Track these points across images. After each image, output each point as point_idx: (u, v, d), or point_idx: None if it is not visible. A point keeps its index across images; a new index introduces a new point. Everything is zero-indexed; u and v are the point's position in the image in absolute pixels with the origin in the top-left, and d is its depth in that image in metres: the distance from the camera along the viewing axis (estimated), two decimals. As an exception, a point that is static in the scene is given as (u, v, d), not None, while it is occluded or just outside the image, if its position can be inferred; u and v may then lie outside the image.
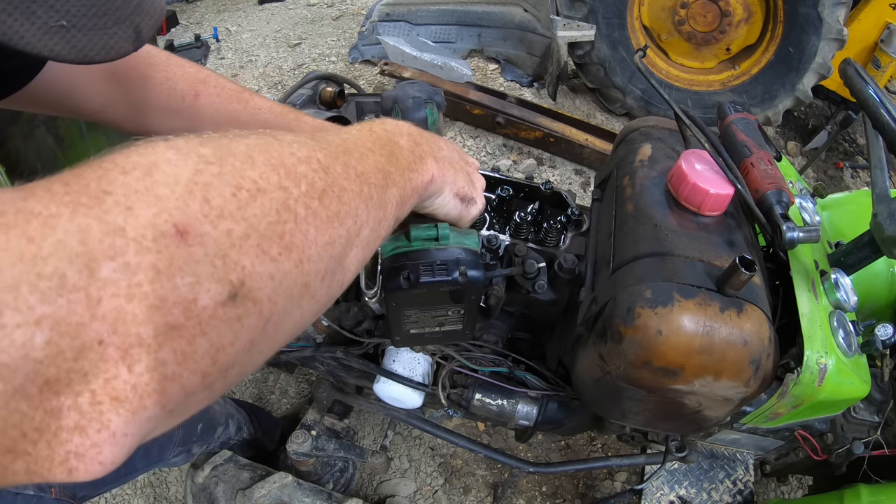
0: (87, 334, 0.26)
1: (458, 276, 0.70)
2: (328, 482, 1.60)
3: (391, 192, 0.50)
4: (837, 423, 1.21)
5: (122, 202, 0.29)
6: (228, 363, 0.32)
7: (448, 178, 0.64)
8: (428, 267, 0.69)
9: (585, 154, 2.87)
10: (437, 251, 0.71)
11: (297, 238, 0.36)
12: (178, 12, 4.38)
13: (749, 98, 3.06)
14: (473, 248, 0.73)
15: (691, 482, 1.48)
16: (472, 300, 0.78)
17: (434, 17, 3.40)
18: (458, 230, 0.73)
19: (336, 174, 0.41)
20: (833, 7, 2.65)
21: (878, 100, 0.95)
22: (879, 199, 0.90)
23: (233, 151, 0.35)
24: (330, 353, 1.33)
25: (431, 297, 0.74)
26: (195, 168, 0.32)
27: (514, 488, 1.86)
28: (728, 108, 1.01)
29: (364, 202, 0.44)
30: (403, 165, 0.54)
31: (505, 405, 1.23)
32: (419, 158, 0.58)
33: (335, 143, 0.45)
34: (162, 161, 0.32)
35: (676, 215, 0.88)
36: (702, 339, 0.74)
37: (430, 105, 0.83)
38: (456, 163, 0.67)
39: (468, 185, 0.69)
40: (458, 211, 0.69)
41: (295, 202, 0.36)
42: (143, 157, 0.31)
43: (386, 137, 0.54)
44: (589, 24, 2.87)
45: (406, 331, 0.84)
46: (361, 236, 0.44)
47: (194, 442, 1.30)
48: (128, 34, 0.44)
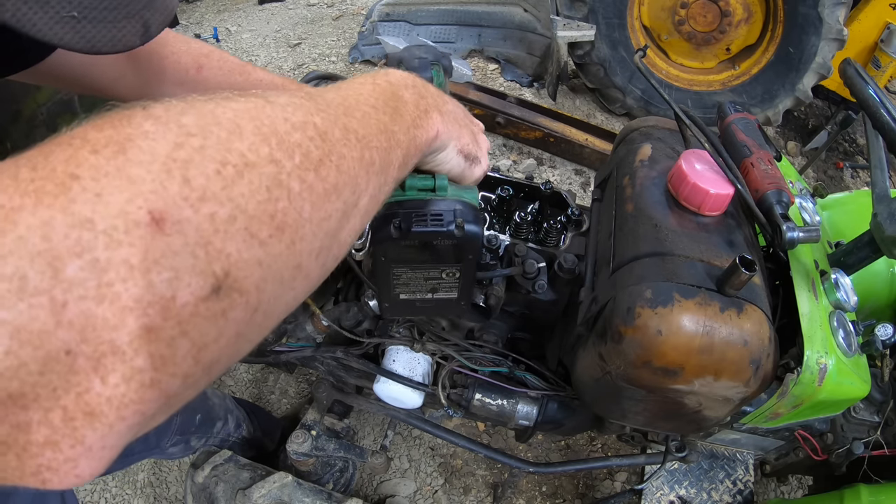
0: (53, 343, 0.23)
1: (455, 229, 0.64)
2: (328, 482, 1.60)
3: (394, 154, 0.47)
4: (837, 423, 1.21)
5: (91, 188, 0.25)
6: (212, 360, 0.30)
7: (453, 133, 0.60)
8: (422, 216, 0.63)
9: (585, 154, 2.87)
10: (434, 202, 0.66)
11: (290, 217, 0.33)
12: (178, 12, 4.38)
13: (749, 98, 3.05)
14: (472, 203, 0.68)
15: (691, 482, 1.48)
16: (470, 259, 0.71)
17: (434, 17, 3.40)
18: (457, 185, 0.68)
19: (334, 140, 0.38)
20: (833, 7, 2.64)
21: (878, 100, 0.95)
22: (879, 199, 0.90)
23: (218, 119, 0.31)
24: (330, 353, 1.33)
25: (424, 252, 0.68)
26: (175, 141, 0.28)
27: (514, 488, 1.86)
28: (728, 108, 1.01)
29: (365, 169, 0.41)
30: (408, 122, 0.51)
31: (505, 405, 1.23)
32: (424, 112, 0.55)
33: (335, 103, 0.42)
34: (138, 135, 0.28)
35: (676, 215, 0.88)
36: (702, 339, 0.75)
37: (437, 67, 0.79)
38: (461, 119, 0.64)
39: (473, 143, 0.65)
40: (462, 169, 0.65)
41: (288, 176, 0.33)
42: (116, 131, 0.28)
43: (390, 91, 0.51)
44: (589, 24, 2.87)
45: (396, 295, 0.77)
46: (360, 206, 0.42)
47: (192, 433, 1.28)
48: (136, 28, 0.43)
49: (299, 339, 1.33)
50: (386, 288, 0.77)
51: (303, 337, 1.33)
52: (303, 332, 1.33)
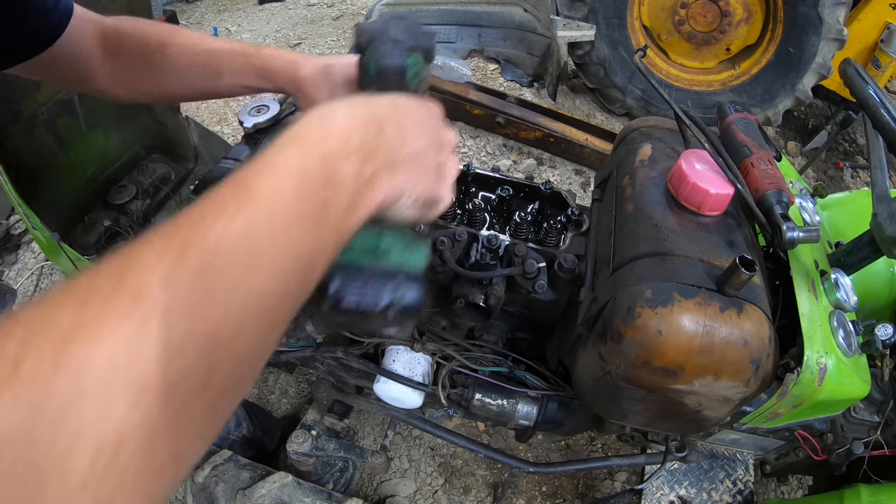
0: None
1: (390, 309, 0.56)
2: (328, 482, 1.60)
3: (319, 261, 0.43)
4: (837, 423, 1.21)
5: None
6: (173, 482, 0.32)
7: (407, 186, 0.54)
8: (357, 288, 0.56)
9: (585, 154, 2.87)
10: (373, 270, 0.58)
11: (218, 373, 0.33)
12: (178, 12, 4.38)
13: (749, 98, 3.06)
14: (417, 270, 0.60)
15: (691, 482, 1.48)
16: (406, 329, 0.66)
17: (434, 17, 3.40)
18: (405, 241, 0.60)
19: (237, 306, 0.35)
20: (833, 7, 2.65)
21: (878, 100, 0.95)
22: (879, 199, 0.90)
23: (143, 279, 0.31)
24: (330, 353, 1.33)
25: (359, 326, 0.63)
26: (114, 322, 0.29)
27: (514, 488, 1.86)
28: (728, 108, 1.01)
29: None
30: (343, 207, 0.45)
31: (505, 405, 1.23)
32: (367, 183, 0.47)
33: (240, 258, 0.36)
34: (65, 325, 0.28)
35: (676, 215, 0.88)
36: (702, 338, 0.75)
37: (415, 53, 0.64)
38: (422, 158, 0.56)
39: (434, 183, 0.58)
40: (417, 215, 0.59)
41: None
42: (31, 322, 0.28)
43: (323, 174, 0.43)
44: (589, 24, 2.87)
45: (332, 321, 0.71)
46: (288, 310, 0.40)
47: None
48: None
49: (299, 339, 1.33)
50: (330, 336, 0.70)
51: (303, 337, 1.33)
52: (303, 332, 1.33)
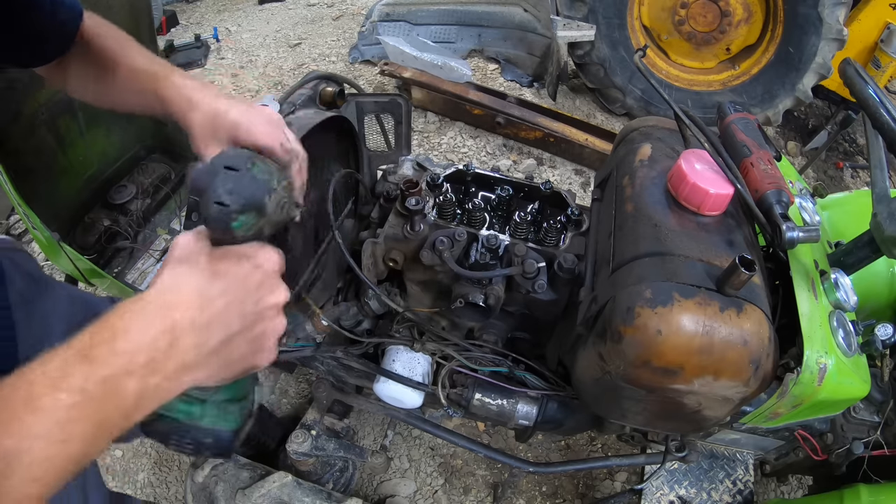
0: None
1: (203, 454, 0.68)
2: (328, 482, 1.60)
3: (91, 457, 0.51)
4: (837, 423, 1.21)
5: None
6: None
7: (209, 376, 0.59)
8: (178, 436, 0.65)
9: (585, 154, 2.87)
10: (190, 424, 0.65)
11: None
12: (178, 12, 4.38)
13: (749, 98, 3.05)
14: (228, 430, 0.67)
15: (691, 482, 1.48)
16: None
17: (434, 17, 3.40)
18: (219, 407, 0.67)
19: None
20: (833, 7, 2.64)
21: (878, 100, 0.95)
22: (879, 199, 0.90)
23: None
24: (330, 353, 1.33)
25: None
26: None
27: (514, 488, 1.86)
28: (728, 108, 1.01)
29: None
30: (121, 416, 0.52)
31: (505, 405, 1.23)
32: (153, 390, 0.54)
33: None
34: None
35: (676, 215, 0.88)
36: (701, 338, 0.75)
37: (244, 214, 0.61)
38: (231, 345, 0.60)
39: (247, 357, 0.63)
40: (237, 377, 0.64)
41: None
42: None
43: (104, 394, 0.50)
44: (589, 24, 2.86)
45: None
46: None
47: None
48: None
49: (299, 339, 1.33)
50: None
51: (303, 337, 1.33)
52: (303, 332, 1.33)
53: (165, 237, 1.61)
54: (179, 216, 1.81)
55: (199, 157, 0.80)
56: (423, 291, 1.24)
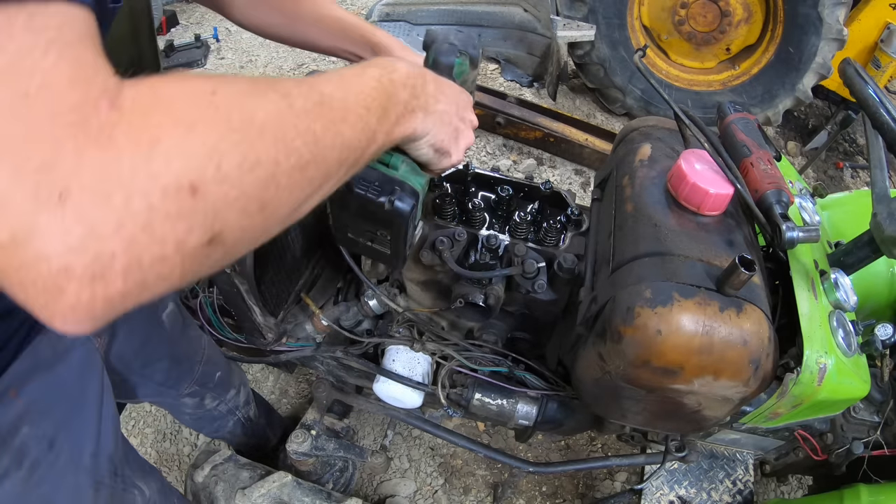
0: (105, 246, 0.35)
1: (385, 201, 0.75)
2: (328, 482, 1.60)
3: (370, 150, 0.57)
4: (837, 423, 1.21)
5: (163, 154, 0.36)
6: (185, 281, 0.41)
7: (430, 130, 0.70)
8: (366, 182, 0.75)
9: (585, 154, 2.87)
10: (384, 175, 0.76)
11: (274, 201, 0.44)
12: (178, 12, 4.38)
13: (749, 98, 3.06)
14: (414, 187, 0.77)
15: (691, 482, 1.48)
16: (397, 229, 0.81)
17: (434, 17, 3.40)
18: (413, 168, 0.78)
19: (325, 146, 0.48)
20: (833, 7, 2.64)
21: (878, 100, 0.95)
22: (879, 199, 0.90)
23: (254, 121, 0.42)
24: (330, 353, 1.33)
25: (361, 209, 0.79)
26: (221, 134, 0.39)
27: (514, 488, 1.86)
28: (728, 108, 1.01)
29: (340, 165, 0.51)
30: (392, 121, 0.61)
31: (505, 405, 1.23)
32: (410, 112, 0.64)
33: (337, 107, 0.51)
34: (201, 119, 0.39)
35: (676, 215, 0.88)
36: (701, 338, 0.75)
37: (463, 56, 0.83)
38: (447, 117, 0.73)
39: (449, 139, 0.75)
40: (429, 158, 0.76)
41: (282, 174, 0.43)
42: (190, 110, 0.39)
43: (390, 90, 0.60)
44: (589, 24, 2.86)
45: (345, 231, 0.89)
46: (324, 189, 0.52)
47: (209, 389, 1.30)
48: None
49: (299, 339, 1.33)
50: (336, 221, 0.89)
51: (303, 337, 1.33)
52: (303, 332, 1.33)
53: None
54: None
55: None
56: (423, 291, 1.24)
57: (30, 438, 0.74)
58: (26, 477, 0.76)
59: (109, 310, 0.38)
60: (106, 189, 0.34)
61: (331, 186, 0.53)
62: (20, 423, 0.72)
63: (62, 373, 0.78)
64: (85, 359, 0.83)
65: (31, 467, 0.76)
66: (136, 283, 0.37)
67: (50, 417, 0.77)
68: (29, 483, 0.77)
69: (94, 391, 0.86)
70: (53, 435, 0.78)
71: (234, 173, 0.40)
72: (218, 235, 0.40)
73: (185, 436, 1.94)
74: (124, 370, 1.03)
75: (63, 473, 0.82)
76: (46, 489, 0.80)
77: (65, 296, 0.35)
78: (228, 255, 0.43)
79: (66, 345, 0.79)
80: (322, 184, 0.50)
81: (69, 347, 0.79)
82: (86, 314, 0.37)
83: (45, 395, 0.75)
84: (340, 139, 0.50)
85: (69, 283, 0.35)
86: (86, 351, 0.83)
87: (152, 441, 1.91)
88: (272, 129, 0.43)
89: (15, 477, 0.74)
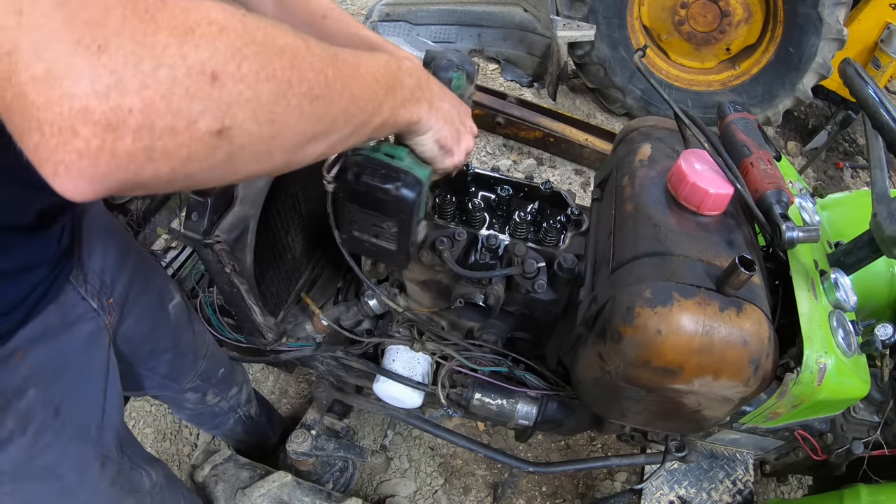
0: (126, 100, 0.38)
1: (392, 188, 0.79)
2: (328, 482, 1.60)
3: (374, 119, 0.62)
4: (837, 423, 1.21)
5: (194, 42, 0.41)
6: (188, 173, 0.45)
7: (434, 125, 0.75)
8: (374, 171, 0.80)
9: (585, 154, 2.87)
10: (390, 165, 0.81)
11: (281, 119, 0.48)
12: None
13: (749, 98, 3.05)
14: (419, 177, 0.81)
15: (691, 482, 1.48)
16: (401, 218, 0.85)
17: (434, 17, 3.40)
18: (416, 160, 0.82)
19: (334, 90, 0.53)
20: (833, 7, 2.64)
21: (877, 100, 0.95)
22: (879, 199, 0.90)
23: (275, 43, 0.47)
24: (330, 353, 1.33)
25: (368, 199, 0.83)
26: (245, 43, 0.44)
27: (514, 488, 1.86)
28: (728, 108, 1.01)
29: (345, 115, 0.56)
30: (397, 101, 0.65)
31: (504, 405, 1.23)
32: (416, 101, 0.69)
33: (349, 65, 0.56)
34: (231, 27, 0.44)
35: (676, 215, 0.88)
36: (701, 338, 0.75)
37: (460, 71, 0.90)
38: (450, 118, 0.78)
39: (452, 138, 0.79)
40: (434, 155, 0.80)
41: (293, 96, 0.48)
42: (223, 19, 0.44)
43: (397, 73, 0.65)
44: (589, 24, 2.86)
45: (350, 229, 0.92)
46: (329, 139, 0.56)
47: (212, 385, 1.31)
48: None
49: (299, 339, 1.33)
50: (343, 221, 0.92)
51: (303, 337, 1.33)
52: (303, 332, 1.33)
53: (165, 237, 1.61)
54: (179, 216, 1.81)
55: None
56: (423, 291, 1.24)
57: (36, 403, 0.75)
58: (31, 443, 0.76)
59: (112, 169, 0.40)
60: (139, 53, 0.38)
61: (334, 142, 0.57)
62: (26, 386, 0.73)
63: (68, 342, 0.79)
64: (93, 333, 0.84)
65: (37, 433, 0.77)
66: (143, 148, 0.40)
67: (56, 384, 0.78)
68: (33, 450, 0.77)
69: (99, 365, 0.87)
70: (59, 402, 0.79)
71: (251, 77, 0.44)
72: (227, 130, 0.44)
73: (185, 436, 1.94)
74: (131, 356, 1.04)
75: (68, 443, 0.83)
76: (51, 458, 0.81)
77: (76, 140, 0.38)
78: (232, 160, 0.47)
79: (75, 316, 0.80)
80: (327, 130, 0.55)
81: (78, 319, 0.80)
82: (89, 165, 0.39)
83: (51, 361, 0.76)
84: (349, 92, 0.55)
85: (84, 126, 0.38)
86: (94, 326, 0.84)
87: (152, 441, 1.91)
88: (289, 55, 0.48)
89: (19, 443, 0.75)
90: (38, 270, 0.72)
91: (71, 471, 0.86)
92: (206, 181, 0.49)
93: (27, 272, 0.70)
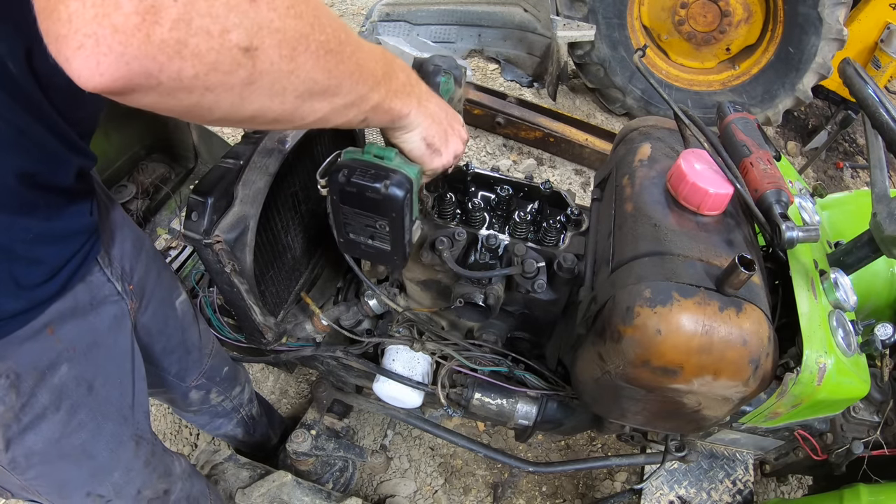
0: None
1: (381, 186, 0.81)
2: (328, 481, 1.60)
3: (372, 95, 0.65)
4: (837, 423, 1.21)
5: None
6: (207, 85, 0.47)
7: (422, 122, 0.77)
8: (364, 171, 0.82)
9: (585, 154, 2.87)
10: (379, 166, 0.83)
11: (300, 59, 0.52)
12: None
13: (749, 98, 3.06)
14: (409, 175, 0.84)
15: (691, 482, 1.48)
16: (392, 217, 0.86)
17: (434, 17, 3.40)
18: (404, 160, 0.84)
19: (344, 52, 0.58)
20: (833, 7, 2.65)
21: (877, 100, 0.95)
22: (879, 199, 0.90)
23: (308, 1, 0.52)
24: (330, 353, 1.33)
25: (360, 200, 0.85)
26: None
27: (514, 488, 1.86)
28: (727, 108, 1.01)
29: (350, 80, 0.60)
30: (391, 88, 0.68)
31: (504, 405, 1.23)
32: (407, 94, 0.72)
33: (355, 38, 0.61)
34: None
35: (676, 215, 0.88)
36: (701, 338, 0.75)
37: (448, 75, 0.93)
38: (438, 118, 0.80)
39: (439, 137, 0.81)
40: (422, 153, 0.82)
41: (312, 41, 0.53)
42: None
43: (392, 65, 0.69)
44: (589, 24, 2.87)
45: (346, 232, 0.94)
46: (333, 101, 0.60)
47: (216, 383, 1.31)
48: None
49: (299, 339, 1.33)
50: (339, 224, 0.93)
51: (303, 337, 1.33)
52: (303, 331, 1.33)
53: (165, 237, 1.61)
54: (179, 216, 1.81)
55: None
56: (422, 291, 1.24)
57: (69, 378, 0.76)
58: (65, 420, 0.77)
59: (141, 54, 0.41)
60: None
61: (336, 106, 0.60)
62: (59, 361, 0.74)
63: (95, 322, 0.80)
64: (117, 316, 0.85)
65: (71, 409, 0.77)
66: (177, 40, 0.42)
67: (88, 360, 0.79)
68: (67, 427, 0.78)
69: (124, 347, 0.88)
70: (92, 378, 0.80)
71: (283, 9, 0.48)
72: (254, 50, 0.47)
73: (185, 436, 1.94)
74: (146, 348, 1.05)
75: (103, 421, 0.83)
76: (85, 436, 0.81)
77: (116, 13, 0.39)
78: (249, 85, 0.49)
79: (102, 297, 0.81)
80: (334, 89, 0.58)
81: (104, 300, 0.82)
82: (120, 43, 0.39)
83: (81, 338, 0.77)
84: (356, 59, 0.60)
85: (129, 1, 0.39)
86: (119, 309, 0.85)
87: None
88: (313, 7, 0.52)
89: (52, 419, 0.75)
90: (76, 239, 0.73)
91: (105, 450, 0.86)
92: (218, 104, 0.50)
93: (67, 239, 0.71)
